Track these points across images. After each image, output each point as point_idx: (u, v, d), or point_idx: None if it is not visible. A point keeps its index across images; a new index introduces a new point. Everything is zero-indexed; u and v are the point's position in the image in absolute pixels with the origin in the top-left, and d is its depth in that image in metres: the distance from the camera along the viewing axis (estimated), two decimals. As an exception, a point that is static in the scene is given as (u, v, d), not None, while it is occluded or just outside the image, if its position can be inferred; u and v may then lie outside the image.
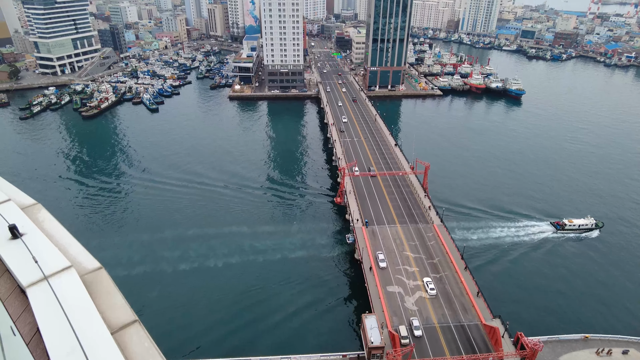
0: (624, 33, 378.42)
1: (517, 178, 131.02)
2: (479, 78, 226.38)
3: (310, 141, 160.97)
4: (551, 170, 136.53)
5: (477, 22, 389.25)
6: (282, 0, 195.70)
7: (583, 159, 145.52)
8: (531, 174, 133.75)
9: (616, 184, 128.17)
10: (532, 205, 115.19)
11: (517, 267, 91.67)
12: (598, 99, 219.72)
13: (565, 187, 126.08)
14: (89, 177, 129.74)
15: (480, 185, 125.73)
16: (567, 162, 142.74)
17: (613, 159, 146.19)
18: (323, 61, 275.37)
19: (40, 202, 9.98)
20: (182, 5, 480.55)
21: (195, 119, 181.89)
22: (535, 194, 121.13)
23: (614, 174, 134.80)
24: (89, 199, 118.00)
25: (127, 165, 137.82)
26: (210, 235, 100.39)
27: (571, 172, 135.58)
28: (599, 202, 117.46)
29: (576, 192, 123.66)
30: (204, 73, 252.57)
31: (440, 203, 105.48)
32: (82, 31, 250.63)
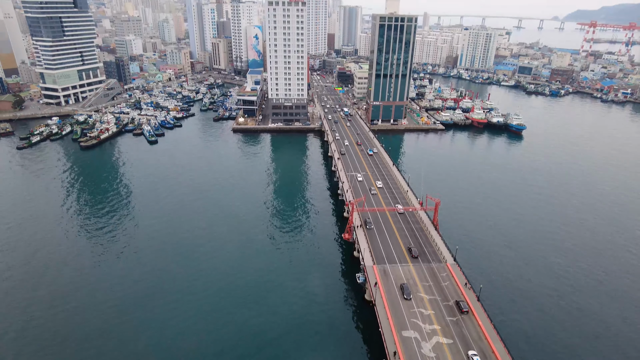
0: (617, 70, 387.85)
1: (528, 215, 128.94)
2: (480, 113, 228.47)
3: (314, 174, 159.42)
4: (559, 208, 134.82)
5: (475, 59, 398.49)
6: (288, 37, 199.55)
7: (591, 198, 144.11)
8: (541, 211, 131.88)
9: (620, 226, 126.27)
10: (544, 242, 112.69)
11: (535, 307, 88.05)
12: (599, 134, 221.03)
13: (574, 227, 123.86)
14: (78, 209, 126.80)
15: (491, 222, 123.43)
16: (574, 199, 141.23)
17: (623, 199, 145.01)
18: (326, 95, 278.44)
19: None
20: (186, 39, 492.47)
21: (196, 151, 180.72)
22: (548, 232, 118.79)
23: (621, 216, 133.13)
24: (79, 232, 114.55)
25: (119, 197, 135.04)
26: (208, 274, 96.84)
27: (579, 213, 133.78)
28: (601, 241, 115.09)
29: (585, 230, 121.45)
30: (207, 105, 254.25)
31: (452, 240, 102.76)
32: (88, 63, 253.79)
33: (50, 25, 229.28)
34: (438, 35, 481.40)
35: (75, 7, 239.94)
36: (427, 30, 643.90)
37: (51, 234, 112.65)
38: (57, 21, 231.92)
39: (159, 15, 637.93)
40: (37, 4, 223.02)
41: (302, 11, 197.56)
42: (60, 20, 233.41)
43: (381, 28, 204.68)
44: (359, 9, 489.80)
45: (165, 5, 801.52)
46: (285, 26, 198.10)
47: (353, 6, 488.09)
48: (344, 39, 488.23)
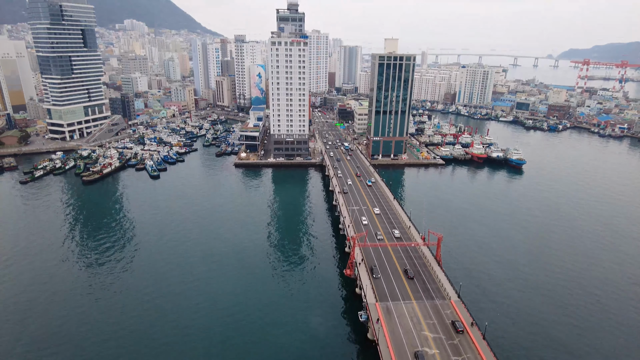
0: (613, 106, 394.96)
1: (532, 249, 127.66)
2: (480, 148, 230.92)
3: (315, 208, 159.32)
4: (564, 241, 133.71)
5: (473, 95, 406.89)
6: (290, 75, 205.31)
7: (596, 230, 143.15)
8: (546, 245, 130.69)
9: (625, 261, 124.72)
10: (551, 275, 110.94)
11: (542, 343, 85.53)
12: (600, 168, 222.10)
13: (581, 260, 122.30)
14: (79, 243, 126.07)
15: (495, 257, 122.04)
16: (579, 232, 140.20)
17: (624, 231, 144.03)
18: (327, 131, 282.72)
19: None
20: (191, 76, 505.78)
21: (197, 186, 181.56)
22: (549, 267, 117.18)
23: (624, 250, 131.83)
24: (80, 267, 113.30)
25: (120, 231, 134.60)
26: (208, 310, 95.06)
27: (585, 246, 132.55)
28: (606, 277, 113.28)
29: (593, 263, 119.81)
30: (210, 141, 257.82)
31: (456, 276, 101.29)
32: (94, 99, 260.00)
33: (60, 63, 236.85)
34: (436, 73, 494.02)
35: (84, 47, 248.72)
36: (426, 68, 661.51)
37: (50, 269, 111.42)
38: (66, 60, 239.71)
39: (165, 54, 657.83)
40: (48, 43, 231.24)
41: (304, 51, 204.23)
42: (70, 59, 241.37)
43: (380, 67, 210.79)
44: (359, 48, 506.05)
45: (172, 44, 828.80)
46: (288, 65, 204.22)
47: (353, 46, 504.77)
48: (345, 77, 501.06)
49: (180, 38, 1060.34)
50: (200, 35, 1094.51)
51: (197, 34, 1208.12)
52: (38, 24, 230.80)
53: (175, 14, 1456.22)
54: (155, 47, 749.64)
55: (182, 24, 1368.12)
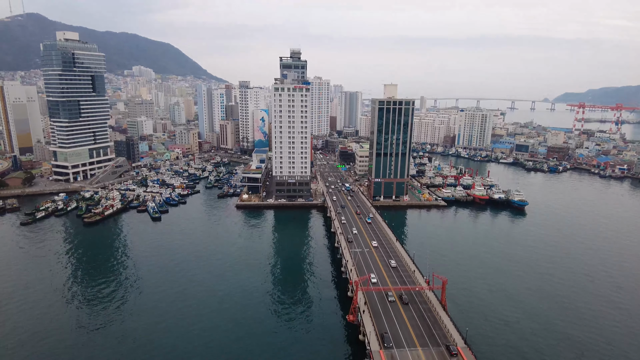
0: (611, 147, 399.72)
1: (538, 291, 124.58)
2: (481, 189, 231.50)
3: (316, 250, 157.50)
4: (569, 284, 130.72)
5: (473, 138, 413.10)
6: (292, 119, 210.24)
7: (602, 271, 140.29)
8: (552, 288, 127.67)
9: None
10: (560, 317, 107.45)
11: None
12: (603, 209, 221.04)
13: (588, 302, 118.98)
14: (77, 288, 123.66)
15: (500, 301, 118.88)
16: (584, 273, 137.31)
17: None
18: (328, 172, 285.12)
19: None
20: (195, 120, 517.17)
21: (198, 228, 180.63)
22: (560, 311, 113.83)
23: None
24: (78, 315, 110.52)
25: (119, 275, 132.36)
26: (205, 357, 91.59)
27: (591, 287, 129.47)
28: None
29: (600, 304, 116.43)
30: (212, 183, 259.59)
31: (462, 321, 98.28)
32: (99, 142, 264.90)
33: (68, 107, 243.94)
34: (435, 117, 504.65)
35: (93, 92, 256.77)
36: (425, 112, 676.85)
37: (47, 313, 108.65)
38: (75, 104, 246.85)
39: (171, 98, 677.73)
40: (59, 89, 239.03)
41: (306, 96, 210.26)
42: (79, 103, 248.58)
43: (380, 111, 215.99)
44: (359, 94, 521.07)
45: (178, 90, 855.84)
46: (290, 109, 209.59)
47: (353, 91, 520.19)
48: (345, 120, 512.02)
49: (186, 84, 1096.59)
50: (206, 81, 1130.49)
51: (203, 80, 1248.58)
52: (50, 70, 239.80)
53: (182, 61, 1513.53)
54: (161, 92, 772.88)
55: (189, 70, 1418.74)
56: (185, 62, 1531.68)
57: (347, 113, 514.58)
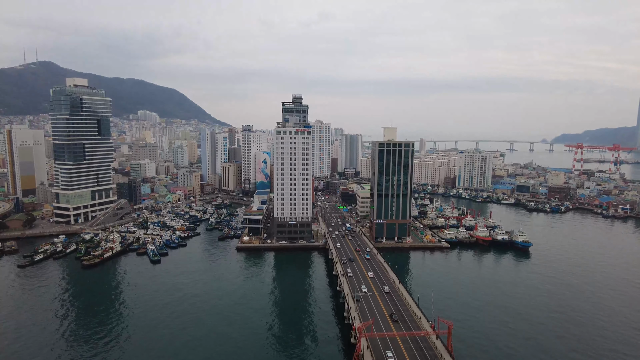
0: (612, 187, 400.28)
1: (545, 337, 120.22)
2: (484, 230, 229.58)
3: (318, 294, 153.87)
4: (578, 328, 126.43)
5: (473, 179, 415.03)
6: (294, 161, 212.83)
7: (611, 317, 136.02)
8: (561, 332, 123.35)
9: None
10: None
11: None
12: (608, 249, 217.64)
13: (596, 349, 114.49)
14: (73, 333, 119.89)
15: (507, 346, 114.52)
16: (592, 317, 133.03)
17: None
18: (330, 213, 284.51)
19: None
20: (198, 163, 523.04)
21: (198, 271, 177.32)
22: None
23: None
24: (69, 355, 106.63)
25: (115, 320, 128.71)
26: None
27: (599, 333, 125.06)
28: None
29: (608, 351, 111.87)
30: (213, 225, 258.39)
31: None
32: (102, 184, 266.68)
33: (74, 150, 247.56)
34: (435, 158, 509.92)
35: (99, 135, 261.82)
36: (424, 153, 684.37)
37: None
38: (80, 147, 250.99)
39: (175, 142, 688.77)
40: (65, 132, 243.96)
41: (307, 139, 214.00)
42: (84, 146, 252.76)
43: (380, 153, 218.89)
44: (359, 136, 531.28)
45: (181, 133, 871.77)
46: (292, 152, 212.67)
47: (354, 134, 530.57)
48: (346, 162, 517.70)
49: (190, 127, 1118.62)
50: (210, 125, 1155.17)
51: (207, 123, 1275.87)
52: (58, 114, 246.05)
53: (187, 106, 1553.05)
54: (165, 136, 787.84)
55: (193, 114, 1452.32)
56: (190, 106, 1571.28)
57: (347, 155, 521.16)
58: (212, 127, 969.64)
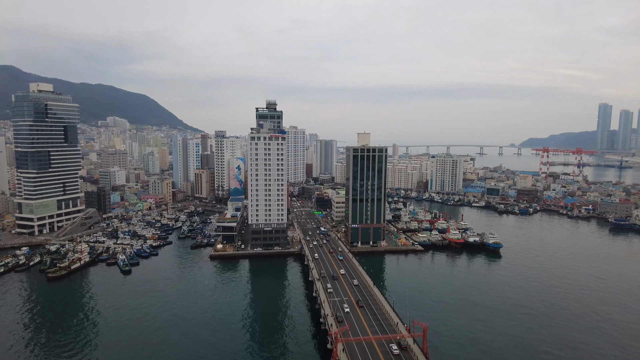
0: (576, 189, 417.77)
1: (519, 335, 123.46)
2: (456, 233, 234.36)
3: (294, 300, 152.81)
4: (549, 326, 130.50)
5: (445, 182, 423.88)
6: (269, 167, 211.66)
7: (580, 312, 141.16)
8: (532, 331, 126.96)
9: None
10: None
11: None
12: (574, 248, 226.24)
13: (567, 345, 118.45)
14: (36, 347, 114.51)
15: (482, 346, 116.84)
16: (561, 314, 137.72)
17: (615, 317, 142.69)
18: (305, 219, 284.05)
19: None
20: (170, 170, 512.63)
21: (170, 281, 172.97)
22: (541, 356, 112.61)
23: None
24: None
25: (84, 334, 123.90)
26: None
27: (569, 329, 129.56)
28: None
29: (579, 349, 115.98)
30: (186, 233, 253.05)
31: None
32: (69, 193, 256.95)
33: (38, 158, 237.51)
34: (408, 163, 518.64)
35: (65, 142, 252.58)
36: (397, 159, 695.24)
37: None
38: (45, 155, 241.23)
39: (145, 148, 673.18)
40: (29, 139, 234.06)
41: (282, 145, 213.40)
42: (49, 153, 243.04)
43: (355, 158, 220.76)
44: (334, 142, 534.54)
45: (152, 140, 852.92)
46: (267, 158, 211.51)
47: (328, 140, 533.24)
48: (321, 168, 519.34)
49: (162, 134, 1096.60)
50: (182, 131, 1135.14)
51: (179, 130, 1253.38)
52: (21, 121, 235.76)
53: (158, 112, 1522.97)
54: (135, 142, 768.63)
55: (164, 120, 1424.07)
56: (161, 112, 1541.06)
57: (322, 160, 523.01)
58: (184, 133, 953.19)
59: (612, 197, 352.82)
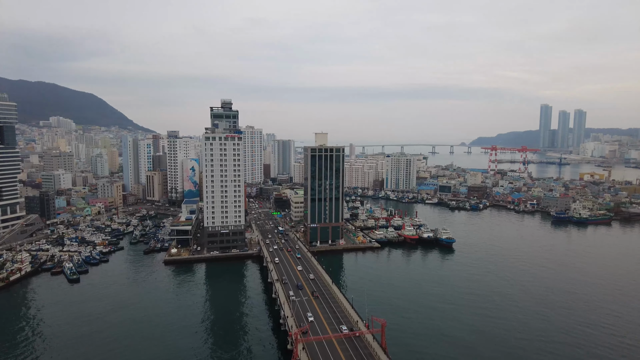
0: (522, 185, 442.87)
1: (475, 326, 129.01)
2: (411, 229, 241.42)
3: (254, 302, 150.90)
4: (502, 317, 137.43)
5: (399, 181, 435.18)
6: (225, 168, 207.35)
7: (532, 302, 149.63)
8: (486, 322, 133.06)
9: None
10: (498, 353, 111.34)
11: None
12: (523, 240, 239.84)
13: (521, 334, 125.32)
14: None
15: (440, 339, 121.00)
16: (512, 304, 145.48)
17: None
18: (263, 220, 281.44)
19: None
20: (120, 172, 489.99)
21: (122, 288, 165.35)
22: (498, 347, 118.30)
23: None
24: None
25: (27, 351, 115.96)
26: None
27: (522, 319, 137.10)
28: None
29: (534, 337, 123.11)
30: (138, 238, 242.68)
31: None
32: (6, 199, 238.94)
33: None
34: (364, 162, 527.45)
35: (1, 144, 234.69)
36: (354, 158, 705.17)
37: None
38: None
39: (93, 150, 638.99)
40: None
41: (238, 145, 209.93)
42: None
43: (312, 158, 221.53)
44: (292, 142, 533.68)
45: (101, 141, 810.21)
46: (222, 158, 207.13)
47: (286, 140, 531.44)
48: (279, 168, 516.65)
49: (111, 135, 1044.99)
50: (132, 132, 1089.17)
51: (129, 130, 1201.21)
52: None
53: (107, 112, 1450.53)
54: (82, 144, 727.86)
55: (113, 121, 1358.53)
56: (110, 112, 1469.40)
57: (280, 161, 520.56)
58: (135, 134, 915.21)
59: (553, 192, 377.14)
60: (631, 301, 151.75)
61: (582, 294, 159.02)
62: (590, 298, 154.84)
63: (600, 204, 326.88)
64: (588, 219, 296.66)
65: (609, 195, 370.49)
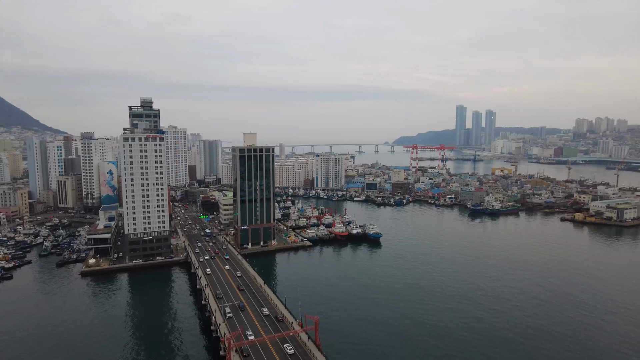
0: (441, 180, 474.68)
1: (405, 321, 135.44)
2: (341, 227, 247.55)
3: (183, 311, 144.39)
4: (429, 309, 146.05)
5: (329, 180, 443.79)
6: (146, 171, 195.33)
7: (460, 291, 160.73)
8: (414, 316, 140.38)
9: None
10: (422, 344, 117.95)
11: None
12: (443, 231, 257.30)
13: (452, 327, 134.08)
14: None
15: (369, 330, 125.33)
16: (440, 295, 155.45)
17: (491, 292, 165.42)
18: (190, 224, 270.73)
19: None
20: (25, 178, 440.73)
21: (33, 302, 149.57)
22: (427, 338, 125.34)
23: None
24: None
25: None
26: None
27: (455, 307, 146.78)
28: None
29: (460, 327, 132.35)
30: (49, 249, 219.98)
31: (337, 358, 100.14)
32: None
33: None
34: (294, 162, 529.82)
35: None
36: (284, 158, 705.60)
37: None
38: None
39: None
40: None
41: (160, 145, 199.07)
42: None
43: (241, 158, 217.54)
44: (219, 142, 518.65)
45: (0, 143, 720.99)
46: (143, 160, 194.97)
47: (212, 140, 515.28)
48: (206, 169, 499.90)
49: (12, 136, 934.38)
50: (38, 133, 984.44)
51: (34, 131, 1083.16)
52: None
53: (6, 110, 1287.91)
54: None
55: (15, 120, 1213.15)
56: (10, 111, 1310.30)
57: (207, 161, 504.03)
58: (42, 136, 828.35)
59: (469, 186, 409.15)
60: (525, 273, 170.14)
61: (493, 276, 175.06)
62: (499, 277, 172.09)
63: (509, 197, 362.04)
64: (500, 210, 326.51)
65: (516, 188, 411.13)
